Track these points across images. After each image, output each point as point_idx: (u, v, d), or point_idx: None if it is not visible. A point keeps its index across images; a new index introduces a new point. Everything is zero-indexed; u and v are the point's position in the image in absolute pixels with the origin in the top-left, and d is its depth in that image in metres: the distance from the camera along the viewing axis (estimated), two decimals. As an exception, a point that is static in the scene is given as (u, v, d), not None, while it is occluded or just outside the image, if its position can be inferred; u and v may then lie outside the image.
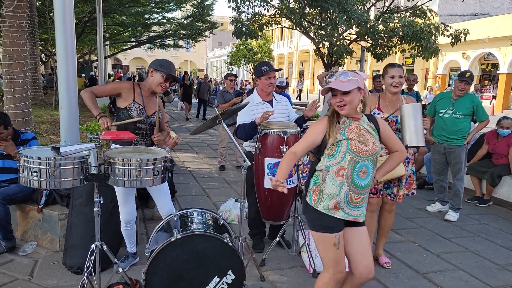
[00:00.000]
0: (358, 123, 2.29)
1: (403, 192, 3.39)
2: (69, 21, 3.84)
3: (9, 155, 3.57)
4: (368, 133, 2.28)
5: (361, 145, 2.22)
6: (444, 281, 3.36)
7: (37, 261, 3.35)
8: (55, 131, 7.16)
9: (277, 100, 3.71)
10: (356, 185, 2.23)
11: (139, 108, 3.01)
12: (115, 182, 2.53)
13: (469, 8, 25.74)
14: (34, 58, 11.87)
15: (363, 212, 2.31)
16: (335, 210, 2.24)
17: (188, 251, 2.49)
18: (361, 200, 2.26)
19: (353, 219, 2.27)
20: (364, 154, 2.22)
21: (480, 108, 4.70)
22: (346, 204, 2.23)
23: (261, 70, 3.56)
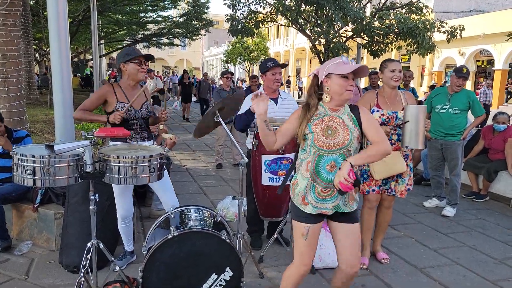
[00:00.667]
0: (335, 113, 2.26)
1: (404, 188, 3.38)
2: (62, 18, 3.81)
3: (4, 154, 3.54)
4: (343, 125, 2.22)
5: (325, 139, 2.19)
6: (442, 276, 3.36)
7: (33, 260, 3.32)
8: (50, 130, 7.11)
9: (282, 98, 3.64)
10: (323, 178, 2.21)
11: (127, 107, 3.00)
12: (111, 180, 2.50)
13: (464, 5, 25.79)
14: (28, 57, 11.78)
15: (338, 205, 2.24)
16: (304, 205, 2.26)
17: (185, 248, 2.48)
18: (330, 194, 2.22)
19: (322, 211, 2.25)
20: (329, 148, 2.18)
21: (476, 103, 4.71)
22: (313, 198, 2.24)
23: (266, 66, 3.52)
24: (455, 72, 4.66)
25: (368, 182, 3.35)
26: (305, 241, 2.28)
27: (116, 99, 3.00)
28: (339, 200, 2.25)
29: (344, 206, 2.28)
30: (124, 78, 3.06)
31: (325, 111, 2.26)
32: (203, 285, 2.53)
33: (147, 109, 3.15)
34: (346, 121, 2.25)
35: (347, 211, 2.29)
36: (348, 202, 2.29)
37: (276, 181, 3.23)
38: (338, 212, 2.28)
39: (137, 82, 3.09)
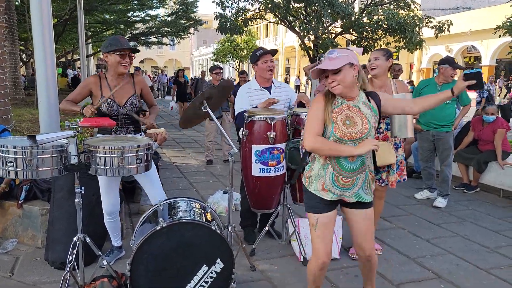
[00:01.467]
0: (351, 103, 2.21)
1: (395, 178, 3.37)
2: (46, 13, 3.71)
3: None
4: (361, 113, 2.19)
5: (346, 129, 2.16)
6: (435, 265, 3.35)
7: (18, 258, 3.22)
8: (36, 128, 6.96)
9: (276, 86, 3.55)
10: (344, 167, 2.20)
11: (108, 101, 2.88)
12: (97, 171, 2.43)
13: (451, 2, 26.05)
14: (14, 57, 11.56)
15: (358, 193, 2.25)
16: (324, 192, 2.25)
17: (174, 239, 2.41)
18: (351, 183, 2.22)
19: (343, 198, 2.26)
20: (350, 138, 2.16)
21: (464, 92, 4.73)
22: (333, 185, 2.22)
23: (255, 55, 3.44)
24: (449, 63, 4.66)
25: None
26: (315, 232, 2.27)
27: (101, 93, 2.90)
28: (358, 187, 2.24)
29: (365, 194, 2.27)
30: (109, 70, 2.94)
31: (342, 100, 2.21)
32: (194, 277, 2.47)
33: (132, 104, 2.96)
34: (363, 109, 2.20)
35: (368, 200, 2.28)
36: (370, 190, 2.29)
37: (267, 172, 3.18)
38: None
39: (119, 75, 2.91)
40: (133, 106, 2.98)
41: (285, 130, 3.20)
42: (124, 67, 2.88)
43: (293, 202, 3.48)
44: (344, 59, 2.11)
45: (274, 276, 3.11)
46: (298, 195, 3.40)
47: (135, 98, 3.00)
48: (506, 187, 5.19)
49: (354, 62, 2.13)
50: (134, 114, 2.96)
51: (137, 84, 3.03)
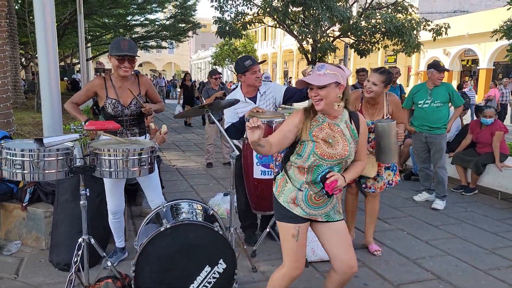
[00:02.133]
0: (333, 121, 2.16)
1: (383, 184, 3.48)
2: (49, 17, 3.77)
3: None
4: (342, 134, 2.15)
5: (327, 148, 2.11)
6: (434, 266, 3.39)
7: (22, 260, 3.26)
8: (37, 132, 7.01)
9: (261, 93, 3.53)
10: (319, 187, 2.14)
11: (112, 102, 2.94)
12: (102, 174, 2.47)
13: (449, 5, 26.25)
14: (14, 61, 11.62)
15: (327, 212, 2.21)
16: (294, 206, 2.20)
17: (178, 240, 2.45)
18: (322, 202, 2.19)
19: (311, 217, 2.21)
20: (330, 158, 2.12)
21: (455, 94, 4.84)
22: (304, 202, 2.18)
23: (244, 66, 3.38)
24: (434, 67, 4.76)
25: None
26: (296, 243, 2.19)
27: (106, 94, 2.96)
28: (329, 208, 2.21)
29: (334, 214, 2.25)
30: (113, 71, 3.00)
31: (323, 118, 2.16)
32: (197, 277, 2.51)
33: (136, 105, 3.00)
34: (344, 130, 2.17)
35: (337, 219, 2.25)
36: (339, 210, 2.28)
37: (268, 174, 3.23)
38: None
39: (122, 77, 2.96)
40: (137, 106, 3.02)
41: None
42: (123, 71, 2.91)
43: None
44: (331, 78, 2.07)
45: (275, 277, 3.14)
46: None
47: (140, 99, 3.02)
48: (504, 189, 5.25)
49: (340, 82, 2.09)
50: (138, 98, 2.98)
51: (142, 84, 3.07)
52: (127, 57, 2.87)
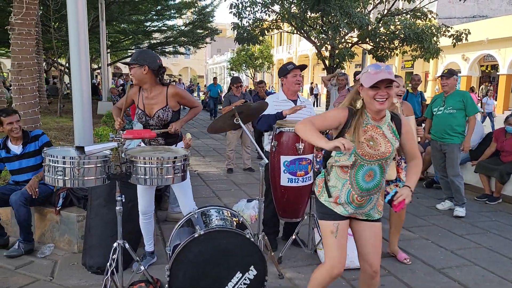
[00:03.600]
0: (377, 123, 2.20)
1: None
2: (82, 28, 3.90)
3: (24, 154, 3.65)
4: (384, 136, 2.19)
5: (369, 149, 2.16)
6: (461, 276, 3.38)
7: (56, 262, 3.37)
8: (63, 137, 7.20)
9: (301, 101, 3.71)
10: (360, 187, 2.21)
11: (139, 113, 3.05)
12: (137, 181, 2.56)
13: (468, 11, 25.90)
14: (38, 66, 11.92)
15: (369, 212, 2.27)
16: (335, 204, 2.26)
17: (211, 247, 2.51)
18: (365, 201, 2.24)
19: (352, 215, 2.27)
20: (371, 158, 2.16)
21: (469, 102, 4.79)
22: (346, 202, 2.24)
23: (286, 68, 3.60)
24: (441, 75, 4.85)
25: None
26: (335, 240, 2.24)
27: (137, 104, 3.07)
28: (370, 207, 2.27)
29: (374, 213, 2.31)
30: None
31: (367, 120, 2.20)
32: (228, 283, 2.56)
33: (158, 118, 3.01)
34: (386, 132, 2.20)
35: (377, 217, 2.32)
36: (378, 208, 2.32)
37: (295, 182, 3.27)
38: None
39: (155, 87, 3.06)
40: (159, 119, 3.02)
41: (313, 142, 3.29)
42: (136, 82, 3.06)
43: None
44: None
45: (302, 284, 3.18)
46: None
47: (164, 111, 3.01)
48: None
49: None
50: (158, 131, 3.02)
51: (171, 96, 3.03)
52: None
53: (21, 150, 3.65)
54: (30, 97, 6.21)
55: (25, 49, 6.10)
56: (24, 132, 3.72)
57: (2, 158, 3.65)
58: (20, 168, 3.65)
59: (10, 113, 3.59)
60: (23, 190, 3.43)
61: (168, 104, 3.05)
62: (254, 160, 7.41)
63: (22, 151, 3.65)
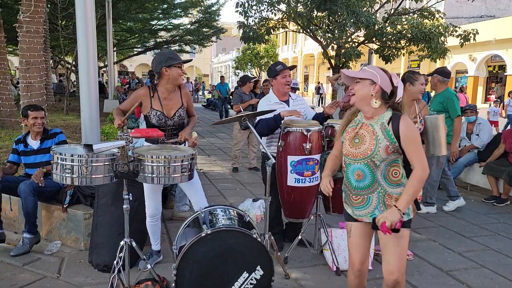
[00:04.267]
0: (368, 121, 2.20)
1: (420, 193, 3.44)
2: (90, 26, 3.91)
3: (41, 150, 3.74)
4: (373, 134, 2.14)
5: (350, 148, 2.21)
6: (469, 279, 3.35)
7: (63, 260, 3.38)
8: (70, 134, 7.23)
9: (293, 99, 3.70)
10: (353, 186, 2.24)
11: (157, 114, 3.06)
12: (144, 179, 2.55)
13: (475, 10, 25.72)
14: (46, 64, 11.99)
15: (372, 212, 2.19)
16: (346, 205, 2.35)
17: (217, 246, 2.51)
18: (361, 201, 2.21)
19: (357, 218, 2.26)
20: (354, 157, 2.19)
21: (450, 104, 4.71)
22: (347, 202, 2.32)
23: (275, 70, 3.56)
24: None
25: None
26: (349, 239, 2.33)
27: (151, 105, 3.06)
28: (373, 207, 2.19)
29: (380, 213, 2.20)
30: (163, 83, 3.08)
31: (360, 119, 2.26)
32: (235, 283, 2.55)
33: (179, 117, 3.13)
34: (377, 130, 2.16)
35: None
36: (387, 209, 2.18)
37: (302, 182, 3.25)
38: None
39: (172, 88, 3.11)
40: (180, 118, 3.13)
41: (321, 141, 3.28)
42: (181, 79, 3.13)
43: (326, 212, 3.54)
44: (367, 74, 2.15)
45: (308, 285, 3.17)
46: (331, 205, 3.46)
47: (183, 110, 3.16)
48: (538, 201, 5.12)
49: (376, 81, 2.12)
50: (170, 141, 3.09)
51: (184, 96, 3.20)
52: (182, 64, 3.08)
53: (38, 145, 3.77)
54: (38, 94, 6.26)
55: (33, 47, 6.15)
56: (45, 128, 3.85)
57: (19, 152, 3.78)
58: (35, 162, 3.73)
59: (38, 108, 3.77)
60: (32, 180, 3.48)
61: (183, 104, 3.19)
62: (258, 160, 7.39)
63: (39, 146, 3.77)
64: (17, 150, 3.80)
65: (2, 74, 7.55)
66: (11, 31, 10.23)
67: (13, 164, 3.83)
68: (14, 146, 3.83)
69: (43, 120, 3.78)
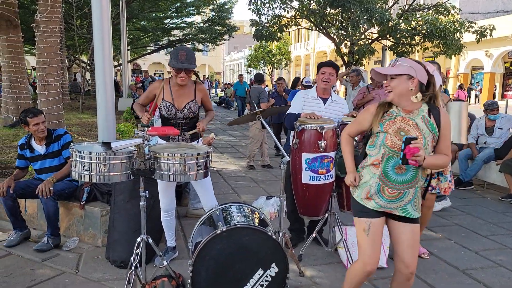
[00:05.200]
0: (408, 115, 2.19)
1: (447, 185, 3.36)
2: (106, 26, 3.95)
3: (48, 154, 3.70)
4: (416, 128, 2.16)
5: (397, 140, 2.15)
6: (486, 278, 3.31)
7: (81, 256, 3.44)
8: (85, 133, 7.34)
9: (333, 100, 3.62)
10: (391, 179, 2.20)
11: (167, 105, 3.07)
12: (160, 176, 2.58)
13: (491, 5, 25.26)
14: (62, 63, 12.18)
15: (405, 207, 2.22)
16: (367, 200, 2.26)
17: (233, 243, 2.53)
18: (398, 195, 2.20)
19: (386, 210, 2.24)
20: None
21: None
22: (377, 195, 2.23)
23: (320, 64, 3.62)
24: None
25: None
26: (367, 237, 2.24)
27: (163, 97, 3.09)
28: (407, 201, 2.21)
29: (413, 210, 2.23)
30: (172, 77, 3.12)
31: (397, 112, 2.21)
32: (250, 280, 2.57)
33: (189, 109, 3.11)
34: (420, 124, 2.17)
35: (415, 216, 2.25)
36: (418, 206, 2.25)
37: (316, 180, 3.25)
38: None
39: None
40: (190, 111, 3.12)
41: (335, 139, 3.27)
42: (180, 80, 3.02)
43: (340, 210, 3.53)
44: (402, 70, 2.15)
45: (323, 283, 3.17)
46: (345, 203, 3.45)
47: (194, 104, 3.13)
48: (557, 200, 5.01)
49: (413, 75, 2.13)
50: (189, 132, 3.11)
51: (199, 91, 3.19)
52: (183, 69, 2.98)
53: (45, 150, 3.68)
54: (54, 93, 6.36)
55: (50, 47, 6.25)
56: (48, 131, 3.73)
57: (27, 157, 3.71)
58: (44, 167, 3.70)
59: (37, 113, 3.58)
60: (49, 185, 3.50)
61: (196, 98, 3.16)
62: (271, 157, 7.39)
63: (46, 151, 3.68)
64: (23, 155, 3.70)
65: (20, 73, 7.69)
66: (28, 31, 10.44)
67: (22, 169, 3.76)
68: (19, 151, 3.72)
69: (45, 124, 3.64)
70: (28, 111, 3.60)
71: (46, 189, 3.41)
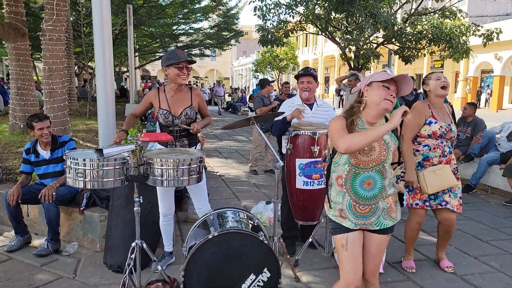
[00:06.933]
0: (372, 127, 2.14)
1: (458, 202, 3.27)
2: (106, 33, 4.04)
3: (52, 160, 3.77)
4: (380, 139, 2.11)
5: (362, 156, 2.09)
6: (483, 283, 3.28)
7: (79, 261, 3.50)
8: (90, 138, 7.43)
9: (318, 104, 3.69)
10: (360, 196, 2.12)
11: (164, 113, 3.11)
12: (154, 182, 2.62)
13: (501, 8, 24.99)
14: (69, 70, 12.39)
15: (378, 220, 2.17)
16: (342, 219, 2.18)
17: (225, 248, 2.55)
18: (369, 211, 2.14)
19: (362, 227, 2.20)
20: (366, 165, 2.10)
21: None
22: (350, 214, 2.16)
23: (298, 74, 3.69)
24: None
25: (412, 195, 3.27)
26: (346, 252, 2.17)
27: (159, 105, 3.13)
28: (378, 215, 2.16)
29: (385, 220, 2.18)
30: (168, 82, 3.16)
31: (362, 125, 2.14)
32: (242, 285, 2.59)
33: (186, 115, 3.13)
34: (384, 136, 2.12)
35: (390, 225, 2.21)
36: (390, 215, 2.19)
37: (310, 185, 3.27)
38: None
39: (178, 86, 3.12)
40: (187, 117, 3.15)
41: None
42: (182, 79, 3.05)
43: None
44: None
45: (318, 288, 3.17)
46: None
47: (191, 110, 3.16)
48: (562, 204, 4.94)
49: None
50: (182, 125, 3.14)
51: (195, 96, 3.21)
52: (185, 65, 3.03)
53: (49, 156, 3.76)
54: (60, 100, 6.48)
55: (55, 54, 6.37)
56: (53, 137, 3.81)
57: (32, 162, 3.78)
58: (47, 173, 3.77)
59: (42, 118, 3.67)
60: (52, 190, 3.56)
61: (192, 104, 3.19)
62: (275, 163, 7.40)
63: (50, 157, 3.76)
64: (28, 160, 3.76)
65: (28, 80, 7.84)
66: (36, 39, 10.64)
67: (27, 174, 3.82)
68: (24, 155, 3.79)
69: (50, 130, 3.71)
70: (34, 116, 3.71)
71: (49, 194, 3.48)
